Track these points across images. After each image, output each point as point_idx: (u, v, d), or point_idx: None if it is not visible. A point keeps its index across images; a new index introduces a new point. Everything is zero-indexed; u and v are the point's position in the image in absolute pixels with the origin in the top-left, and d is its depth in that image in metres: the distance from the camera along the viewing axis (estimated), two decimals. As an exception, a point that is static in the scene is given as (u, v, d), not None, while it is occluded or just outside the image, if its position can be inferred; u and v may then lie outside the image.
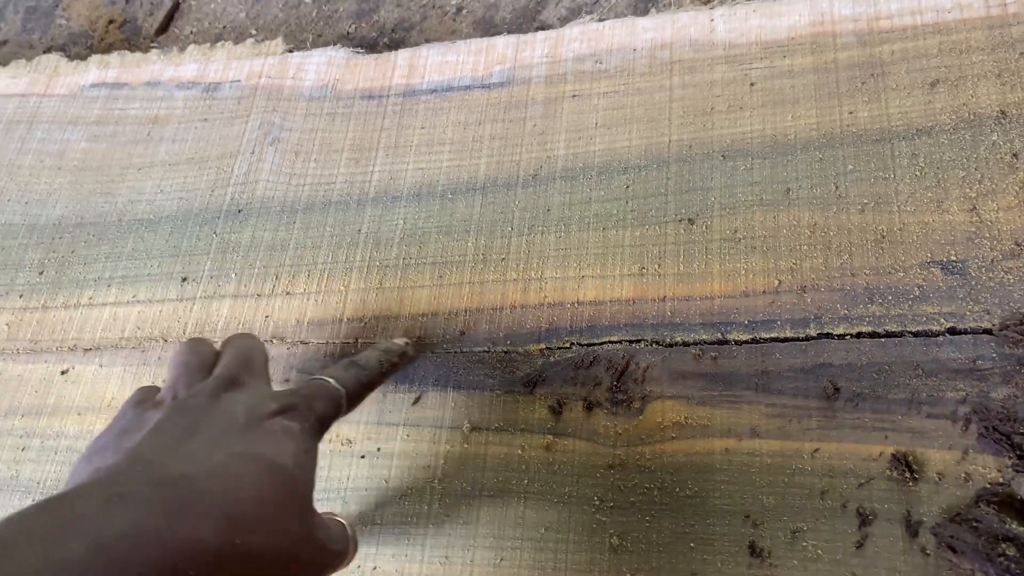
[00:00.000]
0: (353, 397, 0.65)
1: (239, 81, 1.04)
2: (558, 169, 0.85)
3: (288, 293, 0.87)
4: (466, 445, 0.74)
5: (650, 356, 0.73)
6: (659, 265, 0.77)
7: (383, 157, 0.92)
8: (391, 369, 0.72)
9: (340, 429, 0.78)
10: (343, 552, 0.58)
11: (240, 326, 0.86)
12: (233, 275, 0.89)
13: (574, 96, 0.89)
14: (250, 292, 0.88)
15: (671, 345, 0.73)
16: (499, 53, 0.94)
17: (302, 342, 0.84)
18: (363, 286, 0.85)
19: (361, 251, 0.87)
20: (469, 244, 0.84)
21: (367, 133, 0.94)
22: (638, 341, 0.74)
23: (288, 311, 0.86)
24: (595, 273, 0.78)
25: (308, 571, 0.53)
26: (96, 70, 1.12)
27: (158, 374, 0.86)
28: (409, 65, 0.97)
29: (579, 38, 0.92)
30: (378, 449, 0.76)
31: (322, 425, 0.60)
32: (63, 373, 0.90)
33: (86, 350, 0.90)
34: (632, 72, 0.88)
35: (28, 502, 0.83)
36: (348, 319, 0.83)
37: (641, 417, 0.71)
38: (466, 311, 0.80)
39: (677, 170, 0.81)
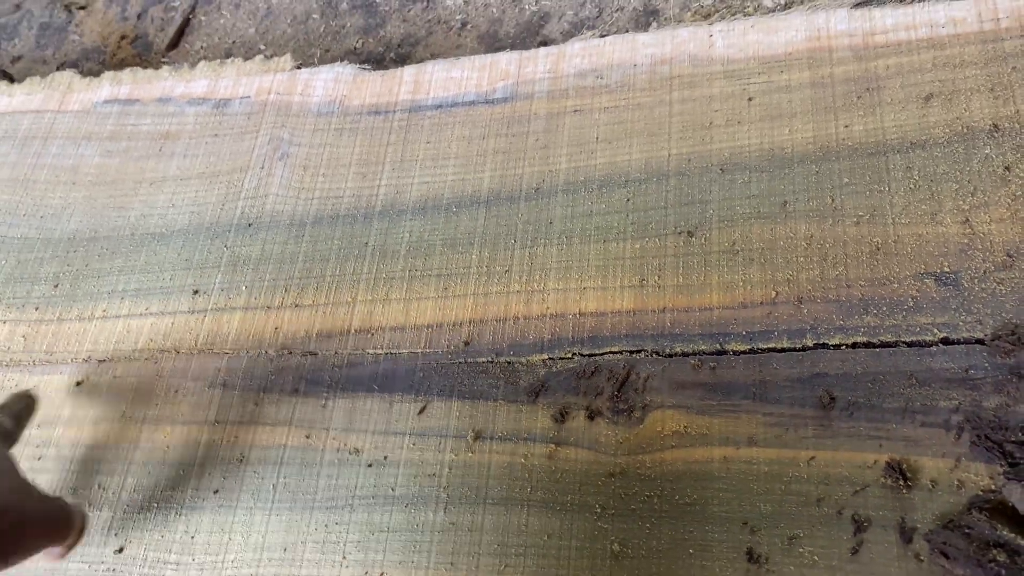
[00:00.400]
0: (14, 429, 0.80)
1: (248, 97, 1.06)
2: (560, 182, 0.87)
3: (297, 305, 0.89)
4: (470, 454, 0.76)
5: (650, 366, 0.75)
6: (659, 277, 0.78)
7: (389, 171, 0.94)
8: (26, 412, 0.84)
9: (348, 439, 0.80)
10: (67, 508, 0.74)
11: (250, 338, 0.88)
12: (243, 288, 0.92)
13: (576, 111, 0.91)
14: (260, 304, 0.90)
15: (671, 355, 0.75)
16: (502, 69, 0.96)
17: (311, 353, 0.86)
18: (370, 298, 0.87)
19: (368, 264, 0.89)
20: (473, 256, 0.86)
21: (374, 148, 0.96)
22: (638, 351, 0.75)
23: (297, 323, 0.88)
24: (596, 285, 0.80)
25: (43, 522, 0.71)
26: (109, 86, 1.15)
27: (171, 385, 0.88)
28: (415, 81, 0.99)
29: (580, 53, 0.94)
30: (385, 458, 0.78)
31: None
32: (78, 384, 0.92)
33: (100, 361, 0.92)
34: (632, 87, 0.90)
35: (44, 510, 0.85)
36: (355, 330, 0.85)
37: (641, 426, 0.72)
38: (470, 322, 0.82)
39: (676, 183, 0.83)
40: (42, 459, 0.88)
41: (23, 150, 1.13)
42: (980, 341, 0.67)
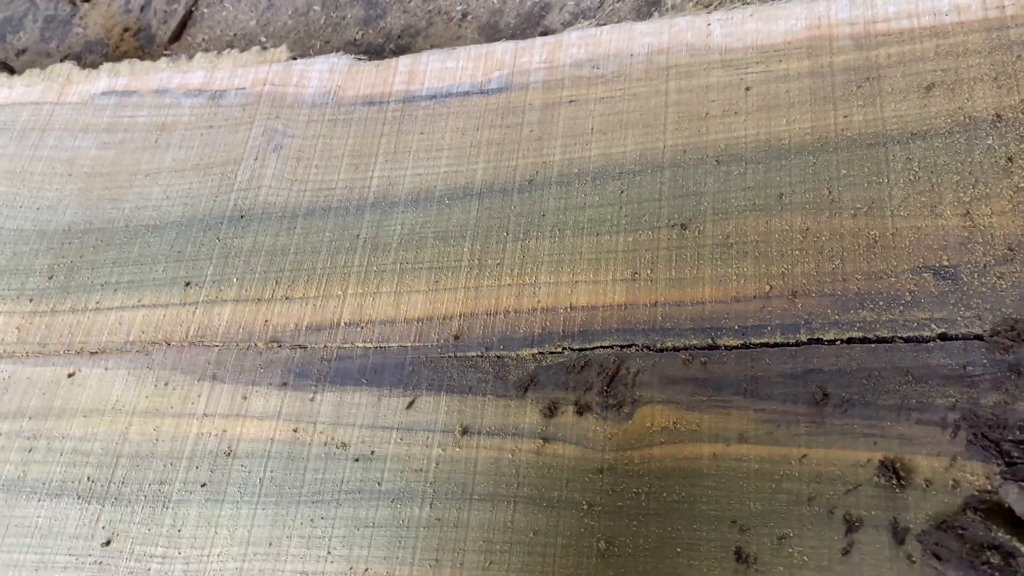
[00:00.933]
0: None
1: (244, 88, 1.05)
2: (554, 174, 0.86)
3: (287, 298, 0.88)
4: (458, 449, 0.75)
5: (641, 361, 0.73)
6: (651, 270, 0.77)
7: (382, 163, 0.93)
8: None
9: (335, 432, 0.79)
10: None
11: (240, 330, 0.88)
12: (235, 280, 0.91)
13: (571, 101, 0.89)
14: (251, 297, 0.89)
15: (662, 350, 0.73)
16: (498, 59, 0.95)
17: (300, 346, 0.85)
18: (360, 291, 0.86)
19: (359, 256, 0.88)
20: (465, 249, 0.84)
21: (367, 139, 0.95)
22: (629, 346, 0.74)
23: (287, 315, 0.87)
24: (588, 278, 0.79)
25: None
26: (107, 78, 1.14)
27: (160, 377, 0.88)
28: (409, 71, 0.98)
29: (577, 43, 0.93)
30: (372, 452, 0.77)
31: None
32: (70, 376, 0.92)
33: (92, 353, 0.92)
34: (629, 77, 0.89)
35: (34, 502, 0.85)
36: (345, 323, 0.84)
37: (631, 421, 0.71)
38: (460, 316, 0.81)
39: (671, 175, 0.81)
40: (32, 451, 0.88)
41: (21, 142, 1.13)
42: (979, 337, 0.65)
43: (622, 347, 0.74)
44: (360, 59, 1.02)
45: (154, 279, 0.94)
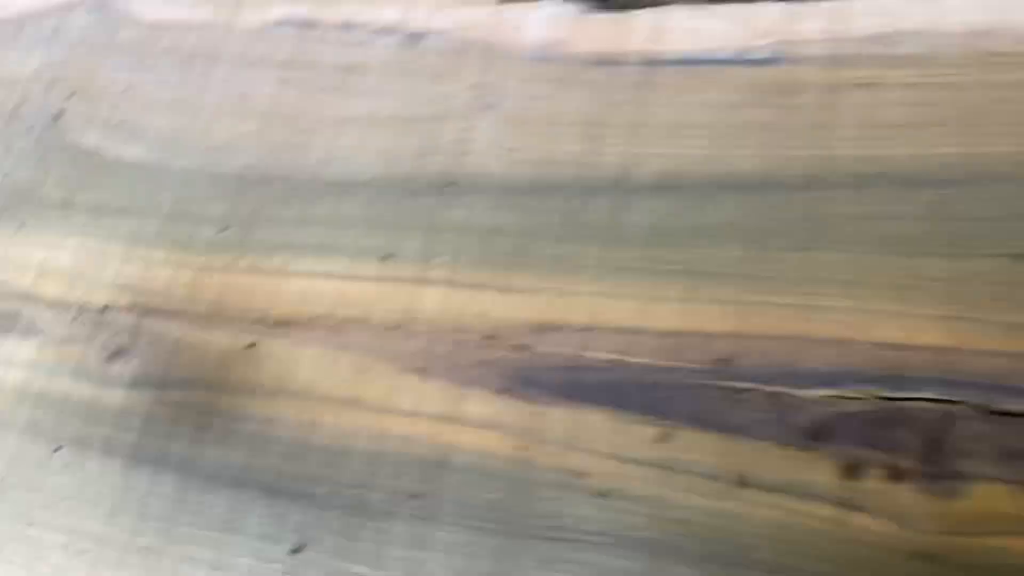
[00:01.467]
0: None
1: (446, 33, 0.92)
2: (842, 173, 0.71)
3: (507, 288, 0.76)
4: (728, 502, 0.63)
5: (975, 424, 0.60)
6: (980, 309, 0.63)
7: (619, 137, 0.80)
8: None
9: (570, 458, 0.68)
10: None
11: (451, 319, 0.76)
12: (443, 259, 0.79)
13: (862, 85, 0.74)
14: (462, 281, 0.78)
15: (1002, 413, 0.60)
16: (766, 23, 0.80)
17: (523, 347, 0.73)
18: (596, 290, 0.74)
19: (595, 247, 0.75)
20: (730, 254, 0.71)
21: (600, 107, 0.82)
22: (958, 403, 0.61)
23: (506, 309, 0.75)
24: (894, 309, 0.65)
25: None
26: (286, 5, 1.02)
27: (357, 362, 0.77)
28: (653, 29, 0.84)
29: (871, 12, 0.77)
30: (619, 489, 0.66)
31: None
32: (249, 347, 0.82)
33: (275, 324, 0.82)
34: (938, 62, 0.73)
35: (211, 490, 0.76)
36: (578, 327, 0.72)
37: (960, 500, 0.58)
38: (726, 336, 0.68)
39: (1001, 191, 0.66)
40: (206, 430, 0.79)
41: (187, 70, 1.02)
42: None
43: (948, 403, 0.61)
44: (592, 5, 0.88)
45: (347, 245, 0.83)
